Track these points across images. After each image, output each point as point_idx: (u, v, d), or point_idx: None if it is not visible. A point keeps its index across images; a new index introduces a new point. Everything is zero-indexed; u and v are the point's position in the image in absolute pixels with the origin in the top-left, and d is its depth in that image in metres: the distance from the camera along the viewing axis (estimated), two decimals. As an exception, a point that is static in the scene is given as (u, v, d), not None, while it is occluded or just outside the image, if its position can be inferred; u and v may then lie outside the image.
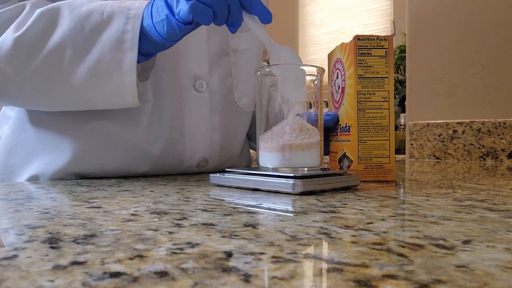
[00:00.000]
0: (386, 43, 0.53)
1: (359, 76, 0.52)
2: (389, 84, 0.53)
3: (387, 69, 0.53)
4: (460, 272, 0.17)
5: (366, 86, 0.52)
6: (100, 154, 0.59)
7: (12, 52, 0.49)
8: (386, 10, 2.84)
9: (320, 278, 0.16)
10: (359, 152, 0.52)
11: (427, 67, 1.29)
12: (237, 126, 0.73)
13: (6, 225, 0.27)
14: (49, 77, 0.51)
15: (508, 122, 1.14)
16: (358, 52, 0.52)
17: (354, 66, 0.52)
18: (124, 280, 0.16)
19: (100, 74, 0.50)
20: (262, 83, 0.49)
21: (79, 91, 0.52)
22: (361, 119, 0.52)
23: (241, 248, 0.21)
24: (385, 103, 0.53)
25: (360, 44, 0.52)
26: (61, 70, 0.50)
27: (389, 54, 0.53)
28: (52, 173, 0.58)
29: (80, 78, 0.51)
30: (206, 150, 0.67)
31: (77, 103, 0.55)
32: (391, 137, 0.53)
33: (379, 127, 0.53)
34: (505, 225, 0.26)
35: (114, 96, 0.52)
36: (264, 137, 0.47)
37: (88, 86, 0.51)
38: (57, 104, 0.56)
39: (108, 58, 0.50)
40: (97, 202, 0.36)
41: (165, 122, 0.62)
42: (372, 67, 0.52)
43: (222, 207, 0.33)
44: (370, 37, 0.53)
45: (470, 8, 1.21)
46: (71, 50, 0.50)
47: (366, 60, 0.52)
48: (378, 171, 0.53)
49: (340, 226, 0.26)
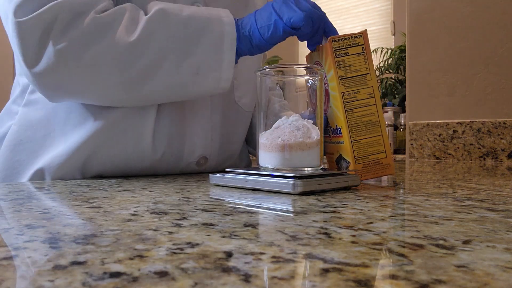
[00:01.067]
0: (361, 40, 0.53)
1: (340, 78, 0.51)
2: (371, 80, 0.52)
3: (367, 65, 0.52)
4: (460, 272, 0.17)
5: (350, 86, 0.52)
6: (103, 148, 0.60)
7: (124, 54, 0.53)
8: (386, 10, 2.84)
9: (320, 278, 0.16)
10: (355, 153, 0.52)
11: (427, 67, 1.29)
12: (237, 125, 0.74)
13: (6, 225, 0.27)
14: (151, 76, 0.55)
15: (508, 122, 1.14)
16: (335, 53, 0.51)
17: (334, 68, 0.51)
18: (124, 280, 0.16)
19: (201, 72, 0.57)
20: (262, 83, 0.49)
21: (177, 87, 0.57)
22: (350, 120, 0.52)
23: (241, 248, 0.21)
24: (371, 100, 0.52)
25: (336, 45, 0.52)
26: (164, 69, 0.55)
27: (366, 50, 0.52)
28: (57, 168, 0.58)
29: (181, 76, 0.56)
30: (205, 148, 0.67)
31: (166, 98, 0.60)
32: (383, 132, 0.53)
33: (369, 124, 0.52)
34: (505, 225, 0.26)
35: (208, 89, 0.59)
36: (264, 137, 0.47)
37: (187, 83, 0.57)
38: (141, 100, 0.59)
39: (209, 58, 0.56)
40: (97, 202, 0.36)
41: (166, 118, 0.63)
42: (352, 66, 0.52)
43: (222, 207, 0.33)
44: (344, 36, 0.52)
45: (470, 8, 1.21)
46: (176, 52, 0.55)
47: (345, 60, 0.52)
48: (377, 167, 0.52)
49: (340, 226, 0.26)
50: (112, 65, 0.53)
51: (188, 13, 0.56)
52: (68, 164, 0.58)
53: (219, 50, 0.56)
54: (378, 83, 2.38)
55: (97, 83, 0.55)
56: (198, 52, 0.56)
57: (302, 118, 0.48)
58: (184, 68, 0.56)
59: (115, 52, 0.53)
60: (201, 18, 0.56)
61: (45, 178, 0.58)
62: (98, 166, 0.61)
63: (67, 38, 0.51)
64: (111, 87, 0.55)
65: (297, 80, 0.51)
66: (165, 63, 0.55)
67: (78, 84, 0.54)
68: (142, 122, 0.61)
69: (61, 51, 0.51)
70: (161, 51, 0.54)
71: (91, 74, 0.53)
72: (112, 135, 0.60)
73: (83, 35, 0.51)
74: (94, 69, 0.53)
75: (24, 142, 0.60)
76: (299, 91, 0.51)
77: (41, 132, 0.60)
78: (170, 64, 0.55)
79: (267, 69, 0.49)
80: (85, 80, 0.54)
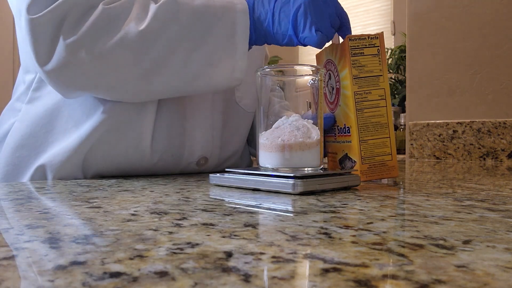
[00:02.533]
0: (378, 41, 0.53)
1: (354, 77, 0.52)
2: (384, 82, 0.53)
3: (381, 67, 0.53)
4: (460, 272, 0.17)
5: (362, 86, 0.52)
6: (104, 146, 0.60)
7: (135, 44, 0.52)
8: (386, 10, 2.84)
9: (320, 278, 0.16)
10: (362, 152, 0.52)
11: (427, 67, 1.29)
12: (238, 126, 0.74)
13: (6, 225, 0.27)
14: (164, 66, 0.54)
15: (508, 122, 1.14)
16: (351, 52, 0.52)
17: (348, 67, 0.51)
18: (124, 280, 0.16)
19: (214, 63, 0.56)
20: (262, 83, 0.49)
21: (189, 78, 0.56)
22: (360, 120, 0.52)
23: (241, 248, 0.21)
24: (382, 101, 0.53)
25: (352, 44, 0.52)
26: (177, 59, 0.54)
27: (381, 51, 0.53)
28: (59, 164, 0.58)
29: (194, 66, 0.55)
30: (206, 148, 0.67)
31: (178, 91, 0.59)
32: (391, 134, 0.53)
33: (378, 126, 0.52)
34: (505, 225, 0.26)
35: (222, 81, 0.58)
36: (264, 137, 0.47)
37: (200, 74, 0.56)
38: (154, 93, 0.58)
39: (222, 47, 0.55)
40: (97, 202, 0.36)
41: (166, 118, 0.63)
42: (366, 66, 0.52)
43: (222, 207, 0.33)
44: (361, 36, 0.52)
45: (470, 8, 1.21)
46: (188, 41, 0.54)
47: (360, 60, 0.52)
48: (382, 169, 0.53)
49: (340, 226, 0.26)
50: (124, 56, 0.52)
51: (200, 1, 0.55)
52: (69, 161, 0.58)
53: (231, 39, 0.55)
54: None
55: (110, 76, 0.54)
56: (211, 41, 0.55)
57: (304, 118, 0.48)
58: (196, 58, 0.55)
59: (126, 42, 0.52)
60: (214, 6, 0.56)
61: (47, 175, 0.58)
62: (99, 165, 0.61)
63: (76, 32, 0.51)
64: (124, 79, 0.54)
65: (297, 80, 0.51)
66: (177, 52, 0.54)
67: (91, 78, 0.54)
68: (141, 121, 0.61)
69: (71, 46, 0.50)
70: (173, 40, 0.54)
71: (103, 67, 0.53)
72: (112, 134, 0.60)
73: (92, 28, 0.51)
74: (106, 61, 0.52)
75: (26, 138, 0.61)
76: (299, 91, 0.51)
77: (43, 129, 0.60)
78: (182, 53, 0.54)
79: (267, 69, 0.49)
80: (97, 74, 0.53)
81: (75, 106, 0.60)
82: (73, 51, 0.51)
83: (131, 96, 0.58)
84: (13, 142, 0.61)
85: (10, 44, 2.50)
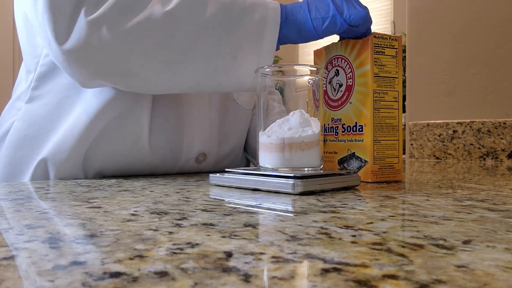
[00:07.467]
0: (397, 43, 0.53)
1: (375, 75, 0.51)
2: (398, 85, 0.53)
3: (397, 69, 0.53)
4: (460, 272, 0.17)
5: (381, 85, 0.52)
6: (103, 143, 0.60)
7: (161, 25, 0.50)
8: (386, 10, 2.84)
9: (320, 278, 0.16)
10: (375, 153, 0.51)
11: (427, 67, 1.29)
12: (235, 122, 0.74)
13: (6, 225, 0.27)
14: (188, 54, 0.52)
15: (508, 122, 1.14)
16: (374, 50, 0.51)
17: (370, 63, 0.51)
18: (124, 280, 0.16)
19: (239, 57, 0.54)
20: (261, 83, 0.49)
21: (212, 71, 0.54)
22: (376, 119, 0.51)
23: (241, 248, 0.21)
24: (395, 103, 0.53)
25: (376, 42, 0.52)
26: (202, 48, 0.52)
27: (399, 54, 0.53)
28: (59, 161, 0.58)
29: (219, 58, 0.53)
30: (204, 144, 0.68)
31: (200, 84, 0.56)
32: (400, 138, 0.53)
33: (390, 127, 0.52)
34: (505, 225, 0.26)
35: (244, 78, 0.55)
36: (263, 136, 0.47)
37: (223, 68, 0.54)
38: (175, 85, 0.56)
39: (248, 42, 0.53)
40: (97, 202, 0.36)
41: (163, 114, 0.63)
42: (386, 66, 0.52)
43: (222, 207, 0.33)
44: (384, 35, 0.52)
45: (470, 8, 1.21)
46: (216, 30, 0.52)
47: (381, 58, 0.52)
48: (389, 171, 0.52)
49: (340, 226, 0.26)
50: (148, 37, 0.50)
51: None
52: (70, 160, 0.58)
53: (260, 35, 0.54)
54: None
55: (133, 59, 0.51)
56: (238, 34, 0.53)
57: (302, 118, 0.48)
58: (222, 49, 0.53)
59: (150, 22, 0.49)
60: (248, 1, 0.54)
61: (49, 171, 0.59)
62: (99, 164, 0.61)
63: (99, 8, 0.48)
64: (147, 65, 0.51)
65: (297, 80, 0.51)
66: (203, 40, 0.52)
67: (112, 61, 0.50)
68: (136, 118, 0.61)
69: (93, 22, 0.48)
70: (199, 27, 0.51)
71: (126, 48, 0.50)
72: (111, 130, 0.60)
73: (116, 4, 0.49)
74: (129, 42, 0.49)
75: (28, 138, 0.61)
76: (299, 91, 0.51)
77: (45, 128, 0.61)
78: (208, 42, 0.52)
79: (266, 69, 0.49)
80: (119, 56, 0.50)
81: (76, 104, 0.60)
82: (95, 29, 0.48)
83: (152, 85, 0.56)
84: (14, 141, 0.61)
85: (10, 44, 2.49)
